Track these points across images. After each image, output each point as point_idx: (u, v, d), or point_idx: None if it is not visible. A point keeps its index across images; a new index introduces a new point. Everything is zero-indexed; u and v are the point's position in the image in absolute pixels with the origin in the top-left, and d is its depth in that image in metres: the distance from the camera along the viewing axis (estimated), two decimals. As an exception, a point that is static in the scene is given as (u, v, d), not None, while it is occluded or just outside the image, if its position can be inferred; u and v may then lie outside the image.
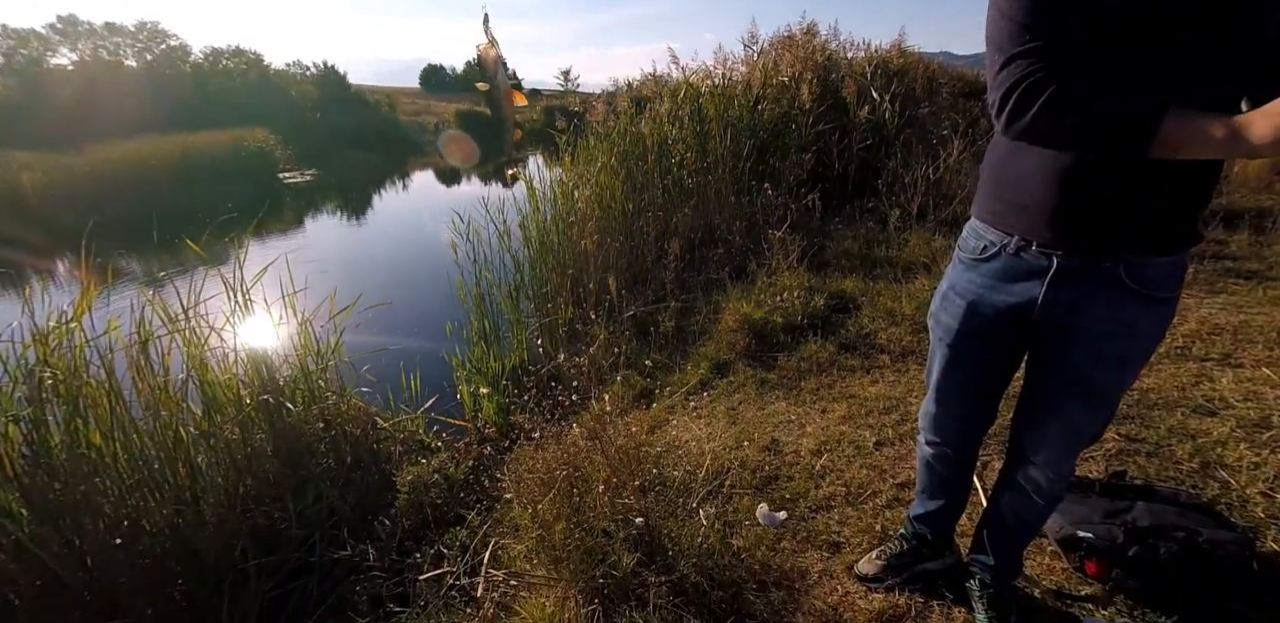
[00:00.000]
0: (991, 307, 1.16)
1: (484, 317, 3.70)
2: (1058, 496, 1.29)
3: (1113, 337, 1.06)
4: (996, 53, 0.93)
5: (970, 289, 1.18)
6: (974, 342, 1.22)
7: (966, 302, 1.19)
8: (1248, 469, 1.86)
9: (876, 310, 3.45)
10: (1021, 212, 1.06)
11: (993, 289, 1.14)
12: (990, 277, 1.15)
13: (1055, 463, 1.23)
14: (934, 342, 1.32)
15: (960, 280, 1.21)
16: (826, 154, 5.67)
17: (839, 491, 2.04)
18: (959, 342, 1.23)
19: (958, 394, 1.33)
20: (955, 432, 1.39)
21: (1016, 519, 1.37)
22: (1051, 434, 1.21)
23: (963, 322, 1.21)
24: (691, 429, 2.60)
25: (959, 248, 1.24)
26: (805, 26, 6.64)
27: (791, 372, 2.97)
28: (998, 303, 1.14)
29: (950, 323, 1.23)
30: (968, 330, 1.21)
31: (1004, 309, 1.14)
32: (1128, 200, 0.96)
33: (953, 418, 1.37)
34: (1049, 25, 0.88)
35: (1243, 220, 4.40)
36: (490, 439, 2.84)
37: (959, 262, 1.23)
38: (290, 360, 2.35)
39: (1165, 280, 1.03)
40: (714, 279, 4.15)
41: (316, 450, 2.29)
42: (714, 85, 5.77)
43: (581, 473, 2.12)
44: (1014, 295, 1.12)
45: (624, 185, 4.74)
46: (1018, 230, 1.08)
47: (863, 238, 4.63)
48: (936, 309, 1.29)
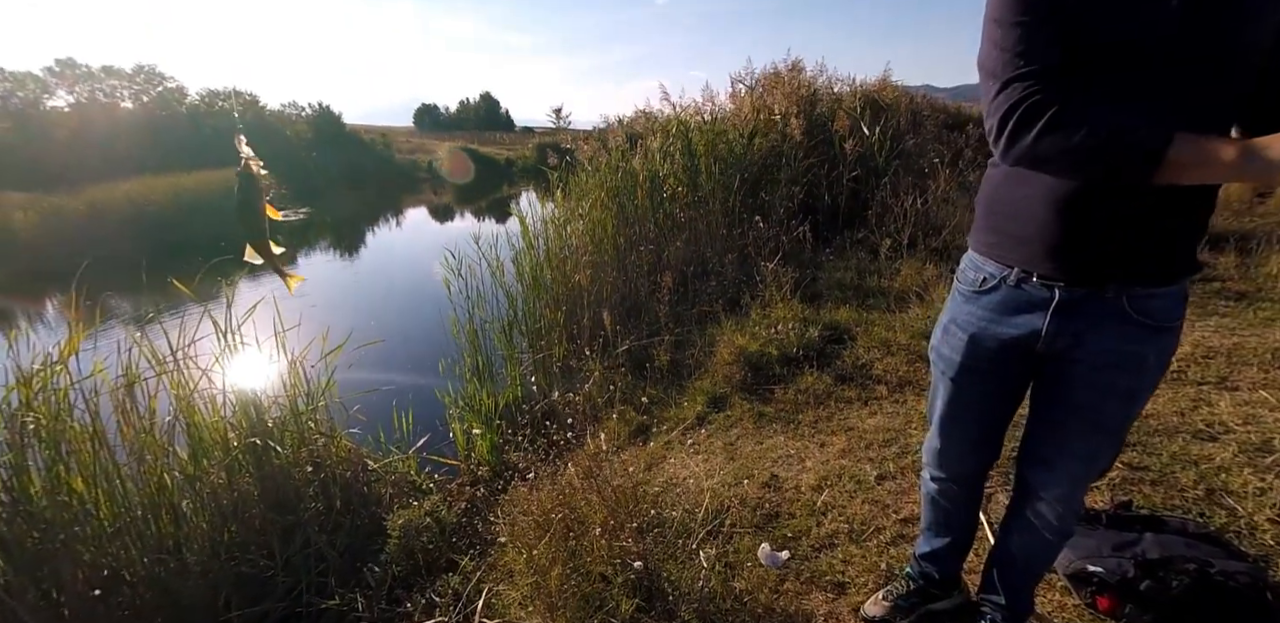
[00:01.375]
0: (994, 339, 1.14)
1: (477, 353, 3.67)
2: (1068, 531, 1.26)
3: (1119, 369, 1.05)
4: (990, 79, 0.93)
5: (971, 322, 1.17)
6: (977, 375, 1.21)
7: (968, 334, 1.18)
8: (1254, 495, 1.83)
9: (871, 341, 3.45)
10: (1020, 243, 1.06)
11: (994, 321, 1.13)
12: (991, 309, 1.14)
13: (1065, 498, 1.20)
14: (936, 375, 1.30)
15: (961, 313, 1.20)
16: (816, 186, 5.77)
17: (842, 527, 1.99)
18: (961, 375, 1.22)
19: (961, 428, 1.30)
20: (960, 466, 1.37)
21: (1026, 556, 1.34)
22: (1060, 469, 1.18)
23: (965, 355, 1.19)
24: (689, 466, 2.56)
25: (957, 280, 1.23)
26: (791, 63, 6.83)
27: (789, 404, 2.94)
28: (1000, 335, 1.13)
29: (952, 356, 1.22)
30: (970, 363, 1.19)
31: (1007, 341, 1.13)
32: (1127, 230, 0.96)
33: (957, 452, 1.34)
34: (1040, 53, 0.89)
35: (1228, 243, 4.47)
36: (483, 480, 2.78)
37: (958, 294, 1.22)
38: (280, 401, 2.30)
39: (1169, 310, 1.03)
40: (708, 312, 4.15)
41: (305, 494, 2.22)
42: (703, 121, 5.90)
43: (578, 514, 2.07)
44: (1016, 328, 1.11)
45: (616, 220, 4.78)
46: (1017, 262, 1.08)
47: (854, 268, 4.67)
48: (938, 342, 1.27)
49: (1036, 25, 0.89)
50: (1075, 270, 1.02)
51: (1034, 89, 0.87)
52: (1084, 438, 1.13)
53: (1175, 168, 0.80)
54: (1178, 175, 0.81)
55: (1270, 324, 3.14)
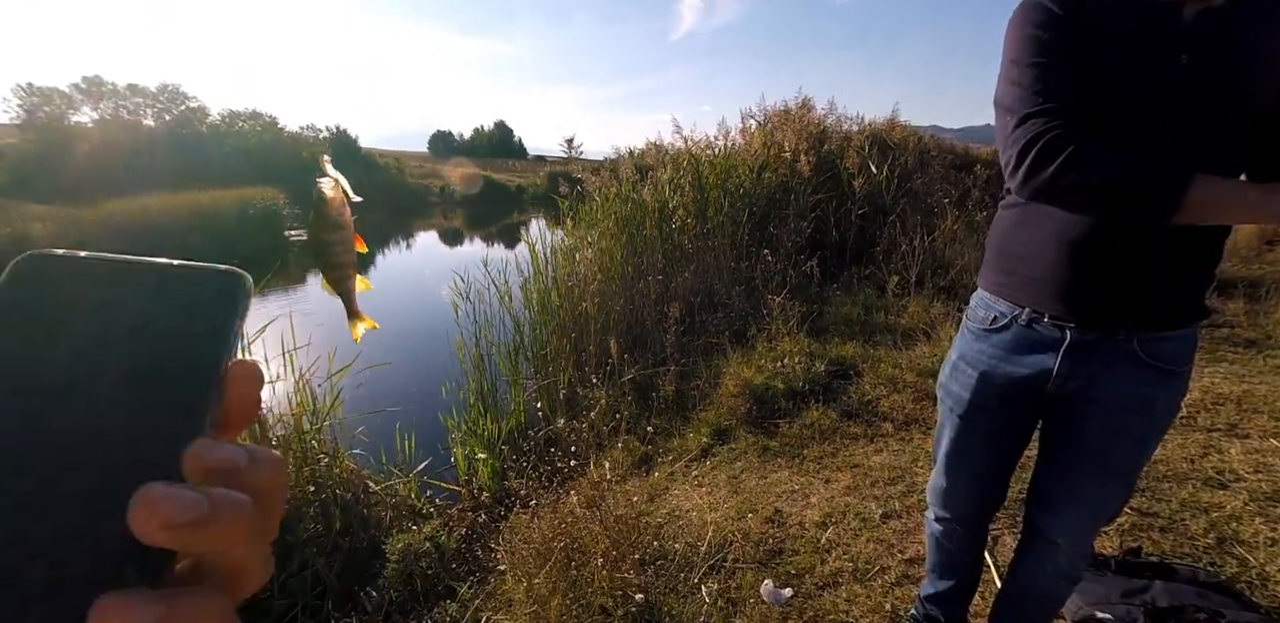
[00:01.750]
0: (1005, 377, 1.14)
1: (482, 377, 3.67)
2: (1077, 576, 1.24)
3: (1132, 412, 1.05)
4: (1007, 115, 0.95)
5: (981, 359, 1.17)
6: (985, 413, 1.20)
7: (978, 372, 1.18)
8: (1265, 545, 1.81)
9: (878, 377, 3.44)
10: (1032, 284, 1.07)
11: (1004, 360, 1.14)
12: (1001, 347, 1.14)
13: (1075, 543, 1.19)
14: (944, 412, 1.30)
15: (970, 350, 1.20)
16: (825, 222, 5.84)
17: (846, 566, 1.96)
18: (970, 413, 1.21)
19: (969, 466, 1.29)
20: (966, 506, 1.35)
21: (1035, 602, 1.32)
22: (1069, 514, 1.17)
23: (974, 392, 1.19)
24: (693, 498, 2.53)
25: (967, 318, 1.25)
26: (801, 101, 6.99)
27: (794, 439, 2.92)
28: (1011, 374, 1.13)
29: (961, 393, 1.22)
30: (979, 402, 1.19)
31: (1018, 380, 1.13)
32: (1137, 274, 0.97)
33: (963, 492, 1.33)
34: (1058, 92, 0.92)
35: (1236, 289, 4.49)
36: (484, 505, 2.75)
37: (968, 331, 1.23)
38: (285, 419, 2.31)
39: (1179, 354, 1.04)
40: (714, 343, 4.16)
41: (305, 515, 2.20)
42: (714, 155, 6.01)
43: (579, 544, 2.05)
44: (1027, 367, 1.11)
45: (625, 249, 4.84)
46: (1028, 302, 1.09)
47: (861, 304, 4.69)
48: (946, 379, 1.27)
49: (1053, 67, 0.93)
50: (1086, 312, 1.03)
51: (1053, 125, 0.89)
52: (1095, 482, 1.12)
53: (1194, 208, 0.81)
54: (1196, 216, 0.82)
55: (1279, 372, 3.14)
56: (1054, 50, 0.94)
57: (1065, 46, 0.93)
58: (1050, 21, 0.95)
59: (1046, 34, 0.94)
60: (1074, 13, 0.94)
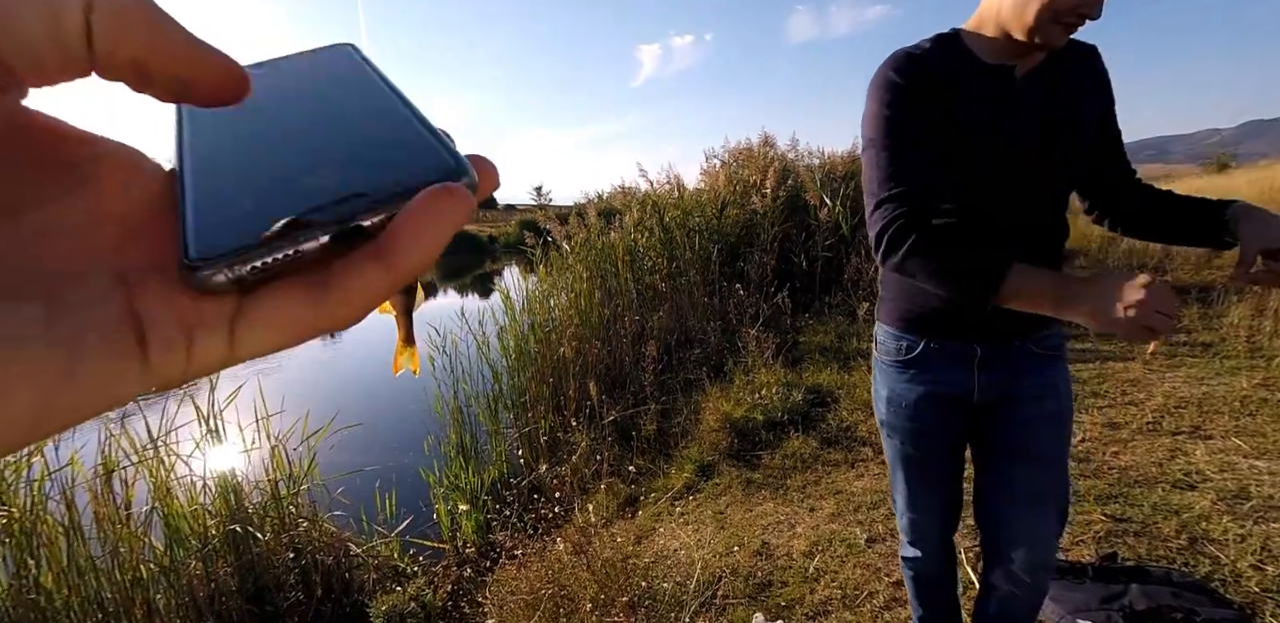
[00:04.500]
0: (936, 398, 1.21)
1: (461, 430, 3.64)
2: (1043, 588, 1.26)
3: (1043, 398, 1.15)
4: (869, 196, 1.05)
5: (910, 387, 1.23)
6: (932, 438, 1.25)
7: (913, 399, 1.23)
8: (1234, 542, 1.85)
9: (855, 402, 3.49)
10: (934, 315, 1.17)
11: (930, 382, 1.20)
12: (923, 372, 1.21)
13: (1036, 551, 1.21)
14: (892, 449, 1.32)
15: (896, 384, 1.25)
16: (793, 254, 5.98)
17: (835, 593, 1.96)
18: (920, 440, 1.26)
19: (935, 496, 1.32)
20: (936, 533, 1.36)
21: (1007, 618, 1.33)
22: (1019, 519, 1.20)
23: (917, 420, 1.24)
24: (679, 536, 2.52)
25: (879, 353, 1.29)
26: (762, 138, 7.25)
27: (776, 470, 2.94)
28: (940, 394, 1.20)
29: (907, 424, 1.26)
30: (924, 428, 1.24)
31: (947, 398, 1.20)
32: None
33: (937, 520, 1.34)
34: (907, 176, 1.02)
35: (1190, 295, 4.66)
36: (470, 560, 2.70)
37: (884, 366, 1.28)
38: (261, 486, 2.27)
39: (1061, 341, 1.19)
40: (692, 379, 4.19)
41: (285, 583, 2.15)
42: (677, 195, 6.18)
43: (567, 591, 2.02)
44: (950, 385, 1.18)
45: (599, 292, 4.91)
46: (935, 330, 1.18)
47: (834, 332, 4.78)
48: (887, 416, 1.29)
49: (902, 147, 1.03)
50: (985, 333, 1.14)
51: (900, 212, 1.00)
52: (1026, 476, 1.17)
53: (1009, 296, 0.92)
54: (1013, 302, 0.93)
55: (1236, 373, 3.25)
56: (903, 129, 1.03)
57: (913, 122, 1.03)
58: (897, 98, 1.03)
59: (893, 111, 1.03)
60: (918, 83, 1.03)
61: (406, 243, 0.19)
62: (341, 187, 0.20)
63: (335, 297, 0.19)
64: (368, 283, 0.19)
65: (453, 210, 0.19)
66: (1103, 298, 0.84)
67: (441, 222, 0.19)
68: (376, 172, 0.20)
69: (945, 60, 1.05)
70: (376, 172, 0.20)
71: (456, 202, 0.19)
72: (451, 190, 0.19)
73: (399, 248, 0.19)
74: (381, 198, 0.19)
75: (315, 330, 0.19)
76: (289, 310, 0.19)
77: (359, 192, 0.19)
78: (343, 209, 0.19)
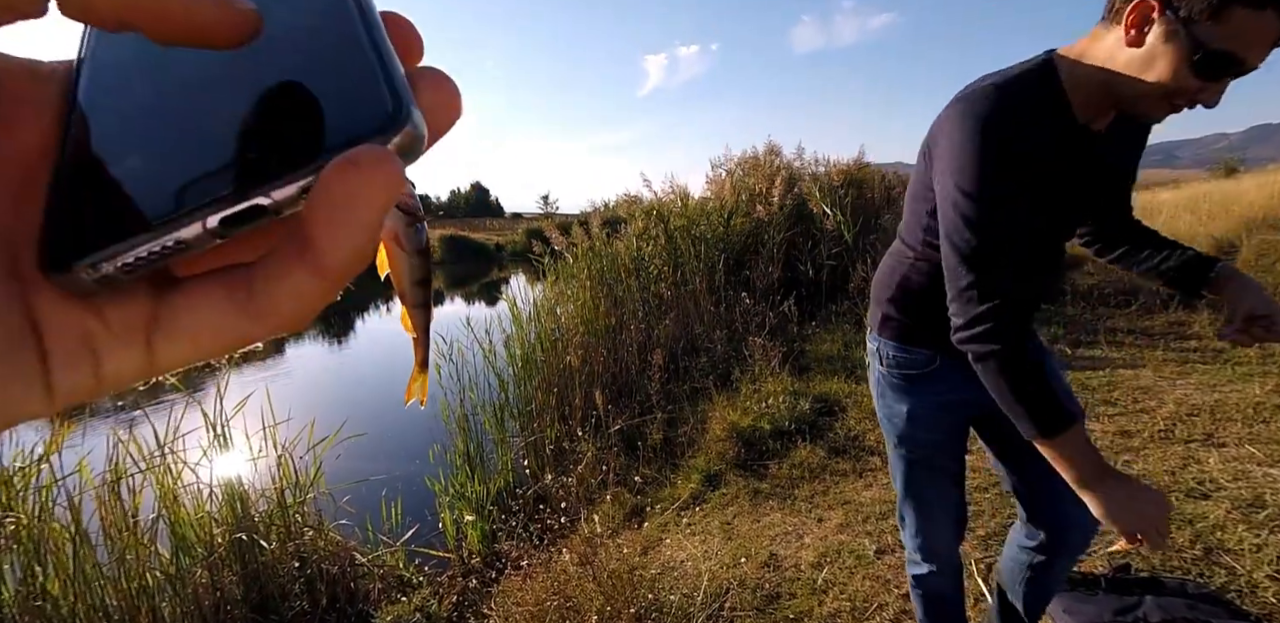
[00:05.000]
0: (952, 406, 1.21)
1: (467, 438, 3.64)
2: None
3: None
4: (960, 264, 0.97)
5: (931, 399, 1.23)
6: (951, 445, 1.27)
7: (934, 410, 1.23)
8: (1250, 552, 1.82)
9: (862, 412, 3.47)
10: (942, 331, 1.16)
11: (948, 392, 1.20)
12: (940, 382, 1.21)
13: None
14: (908, 463, 1.30)
15: (917, 397, 1.23)
16: (799, 262, 5.98)
17: (844, 606, 1.93)
18: (942, 450, 1.26)
19: (944, 501, 1.31)
20: (949, 546, 1.35)
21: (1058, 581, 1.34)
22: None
23: (938, 431, 1.24)
24: (686, 547, 2.50)
25: (886, 368, 1.27)
26: (768, 147, 7.27)
27: (784, 479, 2.91)
28: (954, 401, 1.20)
29: (929, 436, 1.25)
30: (943, 438, 1.25)
31: (960, 405, 1.21)
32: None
33: (948, 529, 1.33)
34: (1011, 255, 0.96)
35: (1199, 302, 4.63)
36: (475, 570, 2.68)
37: (902, 381, 1.25)
38: (267, 494, 2.27)
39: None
40: (699, 388, 4.18)
41: (290, 592, 2.14)
42: (682, 205, 6.19)
43: (573, 603, 2.01)
44: (965, 393, 1.17)
45: (605, 300, 4.91)
46: (949, 348, 1.17)
47: (840, 340, 4.75)
48: (907, 430, 1.26)
49: (1015, 225, 0.96)
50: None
51: (1002, 317, 0.95)
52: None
53: (1053, 448, 0.94)
54: (1050, 452, 0.95)
55: (1248, 379, 3.21)
56: (1011, 200, 0.95)
57: (1018, 191, 0.96)
58: (1007, 162, 0.95)
59: (1002, 176, 0.95)
60: (1028, 145, 0.96)
61: (325, 241, 0.15)
62: (231, 151, 0.15)
63: (261, 304, 0.16)
64: (296, 288, 0.16)
65: (369, 190, 0.14)
66: (1126, 502, 0.90)
67: (357, 207, 0.15)
68: (282, 126, 0.15)
69: (1051, 118, 0.98)
70: (282, 126, 0.15)
71: (371, 177, 0.14)
72: (361, 165, 0.14)
73: (319, 246, 0.15)
74: (282, 166, 0.15)
75: (244, 340, 0.17)
76: (211, 319, 0.16)
77: (253, 157, 0.15)
78: (230, 183, 0.15)
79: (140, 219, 0.15)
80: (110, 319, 0.16)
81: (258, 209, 0.15)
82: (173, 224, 0.15)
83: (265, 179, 0.15)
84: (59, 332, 0.15)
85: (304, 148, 0.15)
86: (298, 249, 0.15)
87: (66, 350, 0.15)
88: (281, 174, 0.15)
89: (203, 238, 0.15)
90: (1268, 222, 6.57)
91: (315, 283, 0.15)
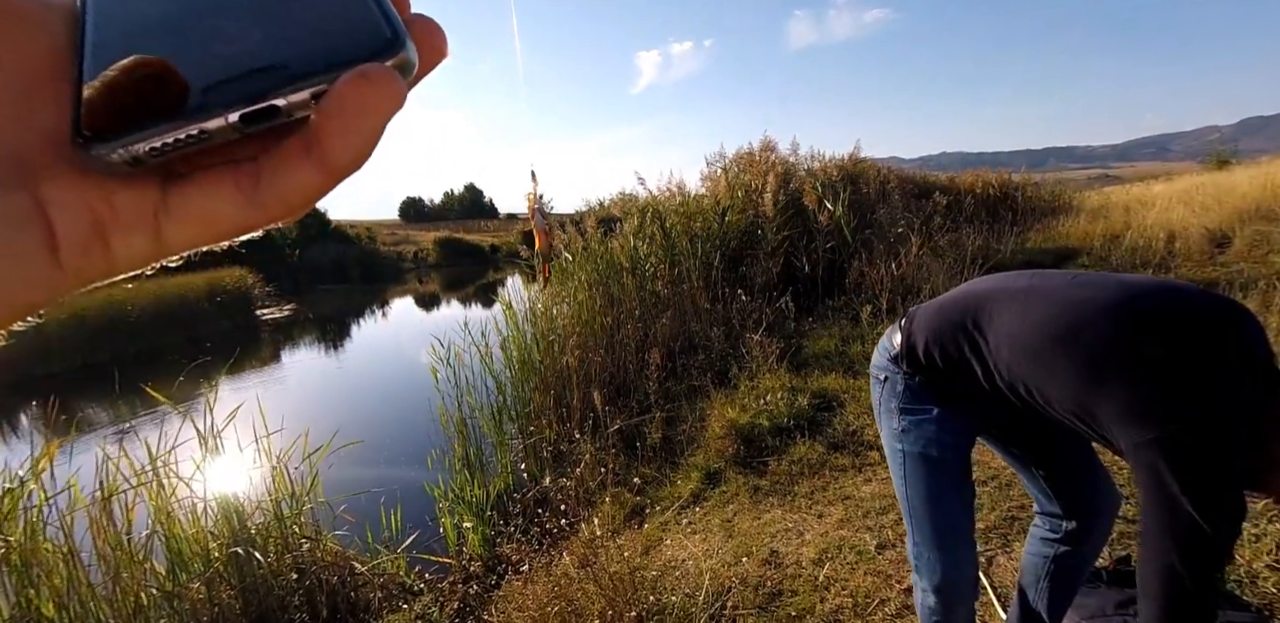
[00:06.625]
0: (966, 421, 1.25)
1: (466, 442, 3.62)
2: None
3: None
4: (1177, 581, 0.90)
5: (953, 419, 1.24)
6: (966, 456, 1.26)
7: (958, 429, 1.24)
8: (1250, 542, 1.82)
9: (860, 406, 3.47)
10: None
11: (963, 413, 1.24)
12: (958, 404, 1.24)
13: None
14: (935, 482, 1.24)
15: (944, 420, 1.23)
16: (795, 258, 5.97)
17: (846, 602, 1.93)
18: (963, 463, 1.25)
19: (966, 514, 1.27)
20: (970, 573, 1.26)
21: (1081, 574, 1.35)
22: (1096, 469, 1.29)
23: (961, 448, 1.25)
24: (687, 547, 2.49)
25: (904, 400, 1.26)
26: (763, 142, 7.25)
27: (783, 476, 2.91)
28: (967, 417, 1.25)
29: (949, 455, 1.23)
30: (961, 456, 1.25)
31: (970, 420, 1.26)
32: None
33: (971, 548, 1.26)
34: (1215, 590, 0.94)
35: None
36: (476, 575, 2.67)
37: (922, 410, 1.24)
38: (263, 506, 2.25)
39: None
40: (697, 386, 4.17)
41: (289, 605, 2.12)
42: (678, 203, 6.17)
43: (575, 606, 2.00)
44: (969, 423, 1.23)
45: (601, 300, 4.89)
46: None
47: (838, 335, 4.75)
48: (939, 453, 1.23)
49: (1229, 546, 0.91)
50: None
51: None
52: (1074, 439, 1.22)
53: None
54: None
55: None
56: (1238, 528, 0.90)
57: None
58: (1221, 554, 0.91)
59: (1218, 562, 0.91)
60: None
61: (334, 141, 0.17)
62: (254, 59, 0.17)
63: (266, 194, 0.18)
64: (301, 181, 0.18)
65: (378, 100, 0.17)
66: None
67: (367, 115, 0.17)
68: (297, 42, 0.18)
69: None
70: (297, 42, 0.18)
71: (380, 90, 0.17)
72: (372, 79, 0.17)
73: (327, 146, 0.17)
74: (297, 74, 0.17)
75: (247, 226, 0.19)
76: (218, 206, 0.18)
77: (272, 65, 0.17)
78: (252, 85, 0.17)
79: (174, 108, 0.17)
80: (119, 206, 0.17)
81: (273, 109, 0.17)
82: (201, 115, 0.17)
83: (282, 84, 0.17)
84: (68, 217, 0.17)
85: (317, 60, 0.17)
86: (305, 148, 0.18)
87: (75, 234, 0.17)
88: (296, 81, 0.17)
89: (224, 130, 0.17)
90: (1260, 213, 6.58)
91: (318, 178, 0.18)
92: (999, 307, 1.11)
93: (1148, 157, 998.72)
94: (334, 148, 0.17)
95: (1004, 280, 1.18)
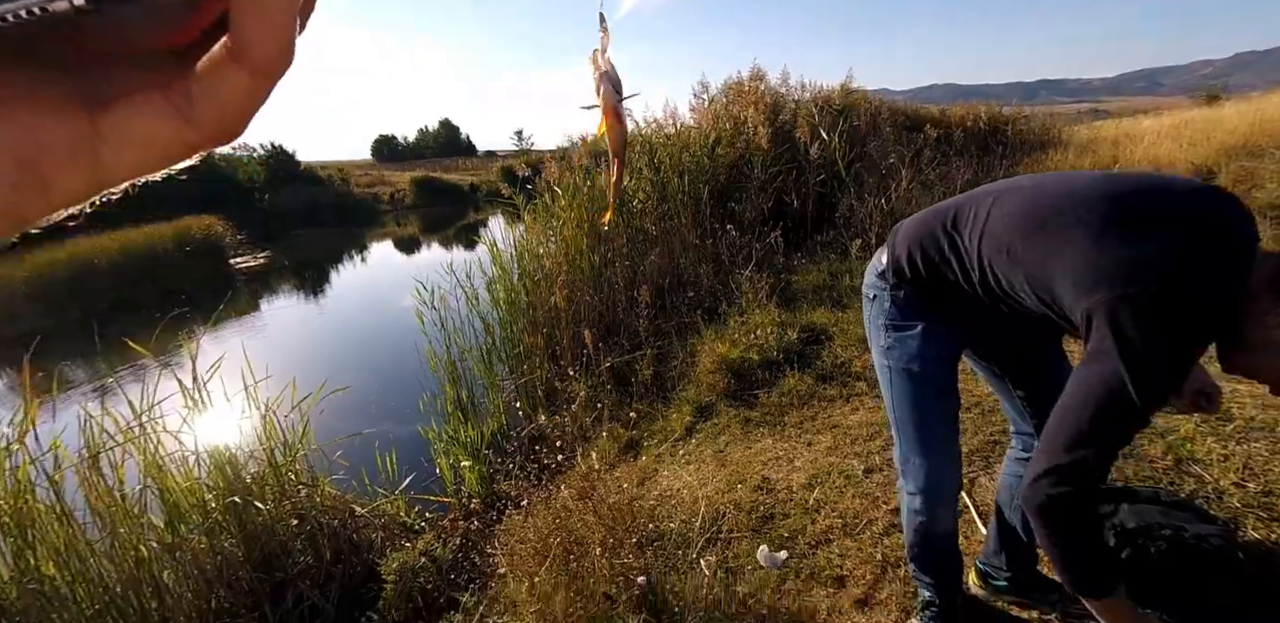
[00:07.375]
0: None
1: (457, 385, 3.64)
2: None
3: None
4: (1078, 442, 0.91)
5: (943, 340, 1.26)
6: (952, 371, 1.29)
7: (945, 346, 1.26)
8: (1218, 462, 1.90)
9: (848, 339, 3.50)
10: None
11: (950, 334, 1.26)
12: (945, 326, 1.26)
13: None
14: (915, 395, 1.28)
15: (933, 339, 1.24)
16: (785, 192, 5.84)
17: (835, 523, 2.01)
18: (950, 380, 1.28)
19: (950, 426, 1.31)
20: (955, 477, 1.33)
21: None
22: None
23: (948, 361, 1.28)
24: (682, 477, 2.56)
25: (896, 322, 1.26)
26: (753, 72, 6.93)
27: (773, 407, 2.96)
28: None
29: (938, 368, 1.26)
30: (948, 369, 1.28)
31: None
32: None
33: (955, 458, 1.32)
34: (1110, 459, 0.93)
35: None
36: (476, 512, 2.75)
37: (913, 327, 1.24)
38: (256, 455, 2.26)
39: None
40: (687, 323, 4.17)
41: (292, 549, 2.17)
42: (667, 135, 5.94)
43: (576, 536, 2.06)
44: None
45: (588, 237, 4.80)
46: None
47: (827, 270, 4.73)
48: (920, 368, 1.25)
49: (1135, 430, 0.92)
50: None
51: (1080, 496, 0.92)
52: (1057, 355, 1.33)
53: (1093, 605, 0.99)
54: (1089, 603, 0.99)
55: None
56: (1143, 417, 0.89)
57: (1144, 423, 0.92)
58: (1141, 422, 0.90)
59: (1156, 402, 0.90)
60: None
61: (255, 36, 0.17)
62: None
63: (201, 108, 0.18)
64: (231, 87, 0.18)
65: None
66: None
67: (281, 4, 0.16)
68: None
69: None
70: None
71: None
72: None
73: (250, 42, 0.17)
74: None
75: (188, 148, 0.18)
76: (154, 125, 0.18)
77: None
78: None
79: None
80: (45, 139, 0.17)
81: None
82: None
83: None
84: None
85: None
86: (230, 55, 0.17)
87: (4, 175, 0.16)
88: None
89: (71, 12, 0.15)
90: (1247, 149, 6.49)
91: (248, 80, 0.17)
92: (977, 206, 1.12)
93: (1138, 91, 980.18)
94: (256, 43, 0.17)
95: (984, 187, 1.20)
